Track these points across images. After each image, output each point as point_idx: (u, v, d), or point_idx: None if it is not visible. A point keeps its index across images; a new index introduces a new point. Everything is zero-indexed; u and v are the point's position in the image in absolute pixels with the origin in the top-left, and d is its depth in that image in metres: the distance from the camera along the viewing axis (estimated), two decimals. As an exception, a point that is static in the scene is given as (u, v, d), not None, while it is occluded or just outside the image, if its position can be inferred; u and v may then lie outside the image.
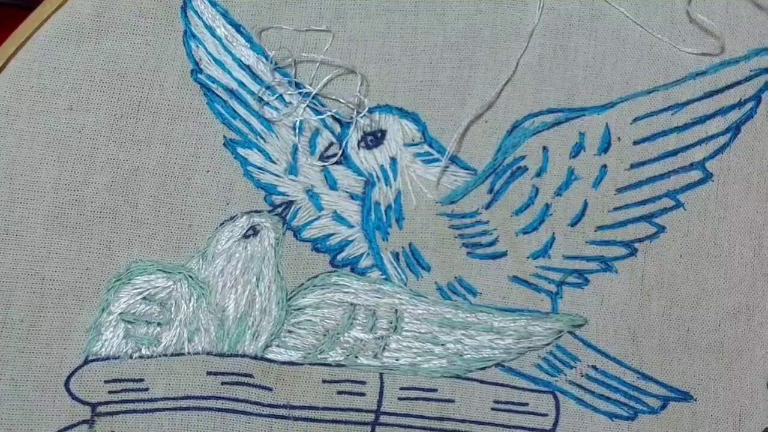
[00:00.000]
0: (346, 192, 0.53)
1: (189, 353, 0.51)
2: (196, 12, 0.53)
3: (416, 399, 0.51)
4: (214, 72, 0.53)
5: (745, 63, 0.53)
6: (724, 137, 0.53)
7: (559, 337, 0.52)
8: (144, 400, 0.50)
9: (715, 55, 0.53)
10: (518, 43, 0.53)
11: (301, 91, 0.53)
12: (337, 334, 0.51)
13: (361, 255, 0.52)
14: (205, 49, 0.53)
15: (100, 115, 0.52)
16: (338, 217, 0.52)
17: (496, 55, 0.53)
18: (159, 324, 0.51)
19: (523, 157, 0.52)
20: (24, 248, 0.51)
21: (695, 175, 0.52)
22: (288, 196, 0.52)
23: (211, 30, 0.53)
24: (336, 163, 0.53)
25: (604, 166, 0.52)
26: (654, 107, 0.52)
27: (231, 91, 0.53)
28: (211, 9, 0.53)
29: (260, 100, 0.53)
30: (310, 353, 0.51)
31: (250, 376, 0.51)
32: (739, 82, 0.53)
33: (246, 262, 0.52)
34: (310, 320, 0.51)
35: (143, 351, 0.51)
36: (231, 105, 0.53)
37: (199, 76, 0.53)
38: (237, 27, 0.53)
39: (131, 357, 0.51)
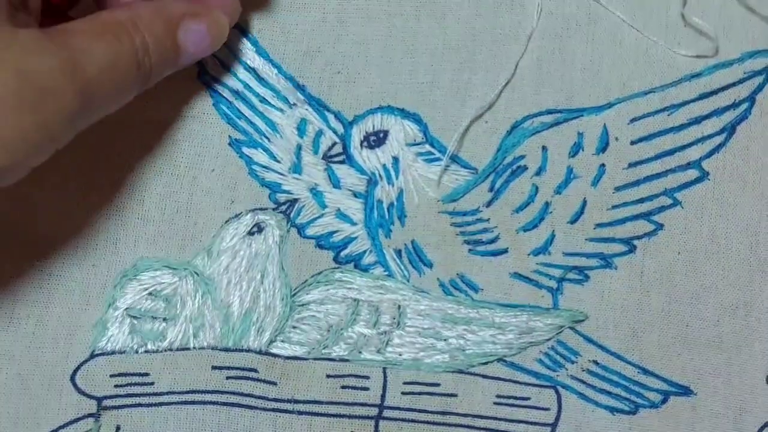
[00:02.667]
0: (350, 190, 0.53)
1: (194, 348, 0.51)
2: (202, 16, 0.54)
3: (419, 393, 0.52)
4: (220, 74, 0.54)
5: (738, 65, 0.54)
6: (720, 137, 0.54)
7: (560, 332, 0.52)
8: (149, 394, 0.51)
9: (710, 58, 0.54)
10: (517, 46, 0.54)
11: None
12: (341, 329, 0.52)
13: (364, 252, 0.53)
14: (211, 52, 0.54)
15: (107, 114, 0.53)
16: (341, 215, 0.53)
17: (495, 57, 0.54)
18: (164, 320, 0.52)
19: (522, 157, 0.53)
20: (31, 244, 0.51)
21: (692, 174, 0.53)
22: (292, 194, 0.53)
23: (216, 34, 0.54)
24: (340, 162, 0.53)
25: (603, 165, 0.53)
26: (650, 108, 0.53)
27: (236, 93, 0.54)
28: (217, 14, 0.54)
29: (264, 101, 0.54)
30: (314, 348, 0.52)
31: (255, 370, 0.51)
32: (733, 84, 0.54)
33: (250, 259, 0.52)
34: (314, 316, 0.52)
35: (149, 346, 0.51)
36: (236, 106, 0.54)
37: (205, 77, 0.54)
38: (243, 30, 0.54)
39: (137, 352, 0.51)
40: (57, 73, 0.41)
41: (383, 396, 0.51)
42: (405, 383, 0.52)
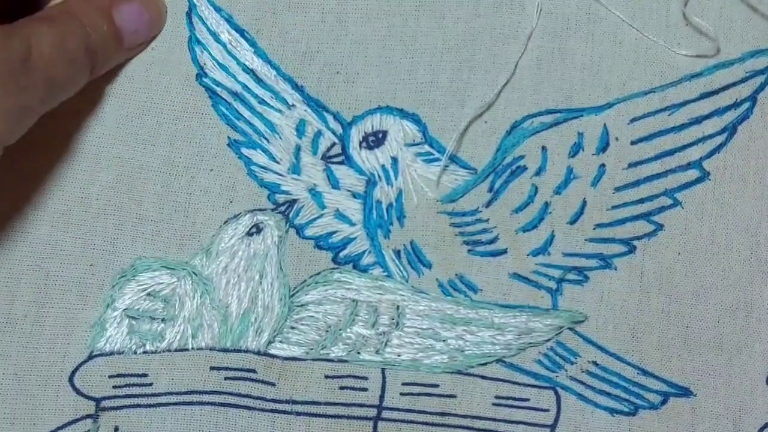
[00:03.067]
0: (348, 191, 0.53)
1: (192, 349, 0.51)
2: (200, 18, 0.54)
3: (418, 394, 0.52)
4: (219, 76, 0.54)
5: (740, 65, 0.53)
6: (721, 137, 0.53)
7: (560, 333, 0.52)
8: (148, 395, 0.51)
9: (711, 57, 0.54)
10: (517, 46, 0.54)
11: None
12: (340, 330, 0.52)
13: (363, 252, 0.53)
14: (210, 53, 0.54)
15: (106, 115, 0.53)
16: (340, 216, 0.53)
17: (495, 57, 0.54)
18: (163, 320, 0.52)
19: (522, 157, 0.53)
20: (29, 244, 0.51)
21: (692, 174, 0.53)
22: (291, 194, 0.53)
23: (215, 35, 0.54)
24: (339, 163, 0.53)
25: (603, 165, 0.53)
26: (651, 108, 0.53)
27: (235, 94, 0.53)
28: (216, 15, 0.54)
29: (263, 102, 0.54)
30: (312, 349, 0.52)
31: (253, 371, 0.51)
32: (734, 84, 0.53)
33: (249, 260, 0.52)
34: (312, 316, 0.52)
35: (147, 347, 0.51)
36: (235, 107, 0.53)
37: (204, 79, 0.53)
38: (241, 32, 0.54)
39: (135, 352, 0.51)
40: (23, 57, 0.45)
41: (382, 397, 0.51)
42: (404, 384, 0.51)
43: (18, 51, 0.45)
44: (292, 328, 0.52)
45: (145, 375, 0.51)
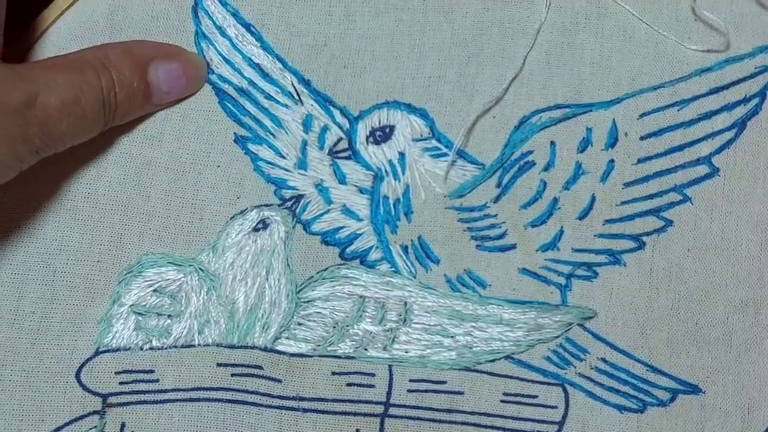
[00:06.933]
0: (355, 186, 0.53)
1: (199, 345, 0.51)
2: (207, 12, 0.54)
3: (425, 391, 0.51)
4: (225, 72, 0.53)
5: (750, 60, 0.53)
6: (730, 133, 0.53)
7: (569, 329, 0.52)
8: (154, 392, 0.51)
9: (721, 52, 0.53)
10: (525, 40, 0.53)
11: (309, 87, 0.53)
12: (347, 326, 0.52)
13: (371, 248, 0.53)
14: (216, 49, 0.54)
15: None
16: (347, 211, 0.53)
17: (503, 51, 0.53)
18: (169, 316, 0.51)
19: (530, 152, 0.53)
20: (36, 240, 0.51)
21: (702, 170, 0.53)
22: (298, 190, 0.53)
23: (221, 30, 0.54)
24: (345, 158, 0.53)
25: (612, 160, 0.53)
26: (660, 103, 0.53)
27: (241, 90, 0.53)
28: (222, 9, 0.54)
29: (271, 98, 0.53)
30: (319, 345, 0.52)
31: (260, 367, 0.51)
32: (744, 79, 0.53)
33: (256, 255, 0.52)
34: (319, 312, 0.52)
35: (154, 343, 0.51)
36: (241, 103, 0.53)
37: (211, 77, 0.53)
38: (247, 26, 0.54)
39: (142, 349, 0.51)
40: (23, 105, 0.44)
41: (389, 393, 0.51)
42: (411, 381, 0.51)
43: (20, 97, 0.44)
44: (299, 324, 0.52)
45: (151, 371, 0.51)
